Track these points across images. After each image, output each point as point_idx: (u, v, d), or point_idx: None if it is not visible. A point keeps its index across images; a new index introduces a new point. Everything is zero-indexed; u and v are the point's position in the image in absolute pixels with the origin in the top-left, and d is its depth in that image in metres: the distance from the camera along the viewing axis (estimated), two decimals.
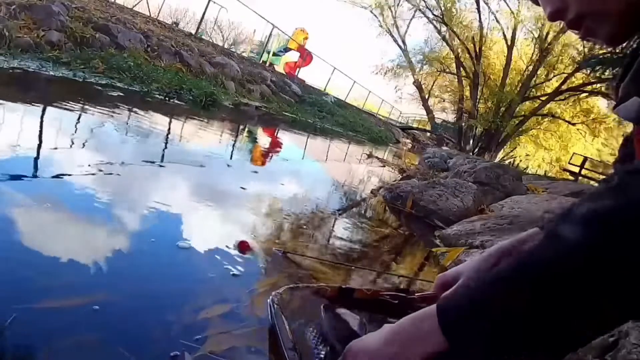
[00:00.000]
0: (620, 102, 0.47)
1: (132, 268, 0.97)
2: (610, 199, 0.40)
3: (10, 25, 3.90)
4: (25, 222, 1.00)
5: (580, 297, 0.38)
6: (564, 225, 0.41)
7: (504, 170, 3.99)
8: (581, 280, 0.38)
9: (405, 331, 0.48)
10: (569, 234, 0.40)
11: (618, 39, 0.46)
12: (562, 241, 0.41)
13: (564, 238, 0.41)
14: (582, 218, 0.40)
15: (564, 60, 15.18)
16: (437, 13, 16.24)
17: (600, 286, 0.37)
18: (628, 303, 0.38)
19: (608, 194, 0.40)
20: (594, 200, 0.41)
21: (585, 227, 0.39)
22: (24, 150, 1.50)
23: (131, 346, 0.70)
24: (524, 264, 0.43)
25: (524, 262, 0.43)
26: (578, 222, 0.40)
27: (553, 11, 0.49)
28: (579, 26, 0.47)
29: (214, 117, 4.46)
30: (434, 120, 20.42)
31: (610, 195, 0.40)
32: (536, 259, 0.42)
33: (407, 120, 27.75)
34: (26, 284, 0.78)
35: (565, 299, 0.39)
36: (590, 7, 0.45)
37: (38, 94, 2.77)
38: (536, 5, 0.53)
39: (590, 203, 0.41)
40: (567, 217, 0.42)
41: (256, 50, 15.53)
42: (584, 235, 0.39)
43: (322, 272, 1.26)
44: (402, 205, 2.75)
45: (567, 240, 0.40)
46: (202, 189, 1.78)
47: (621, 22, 0.44)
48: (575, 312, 0.39)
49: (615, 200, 0.39)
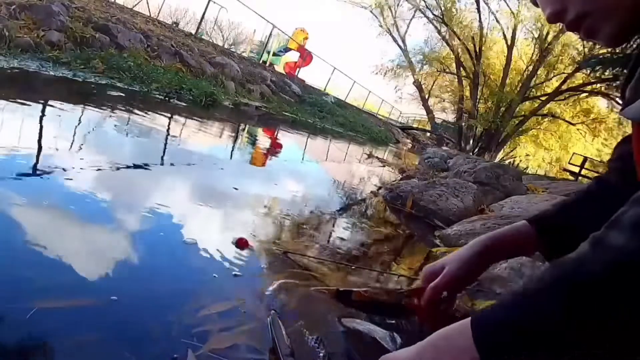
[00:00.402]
0: (628, 104, 0.46)
1: (132, 268, 0.97)
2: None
3: (10, 25, 3.90)
4: (23, 222, 1.00)
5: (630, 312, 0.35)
6: (612, 233, 0.38)
7: (504, 170, 3.99)
8: (632, 293, 0.35)
9: (439, 347, 0.47)
10: (616, 241, 0.37)
11: (619, 39, 0.46)
12: (610, 250, 0.38)
13: (612, 246, 0.38)
14: (631, 224, 0.37)
15: (564, 60, 15.18)
16: (437, 13, 16.24)
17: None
18: None
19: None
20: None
21: (635, 234, 0.36)
22: (24, 150, 1.50)
23: (132, 346, 0.70)
24: (564, 275, 0.40)
25: (563, 272, 0.40)
26: (627, 228, 0.37)
27: (552, 13, 0.48)
28: (578, 27, 0.47)
29: (214, 117, 4.46)
30: (434, 120, 20.42)
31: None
32: (581, 269, 0.39)
33: (407, 120, 27.74)
34: (26, 284, 0.78)
35: (608, 311, 0.36)
36: (595, 4, 0.44)
37: (38, 94, 2.77)
38: (535, 6, 0.53)
39: (638, 209, 0.38)
40: (615, 224, 0.39)
41: (256, 50, 15.52)
42: (633, 242, 0.36)
43: (322, 272, 1.26)
44: (402, 205, 2.75)
45: (615, 249, 0.37)
46: (201, 189, 1.78)
47: (625, 19, 0.44)
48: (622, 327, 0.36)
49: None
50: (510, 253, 0.83)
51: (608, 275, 0.36)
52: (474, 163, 4.57)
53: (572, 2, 0.46)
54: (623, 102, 0.48)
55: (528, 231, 0.74)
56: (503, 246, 0.76)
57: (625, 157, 0.60)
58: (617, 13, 0.43)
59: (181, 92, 4.84)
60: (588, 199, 0.72)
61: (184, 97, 4.76)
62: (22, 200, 1.10)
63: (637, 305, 0.35)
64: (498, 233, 0.77)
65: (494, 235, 0.77)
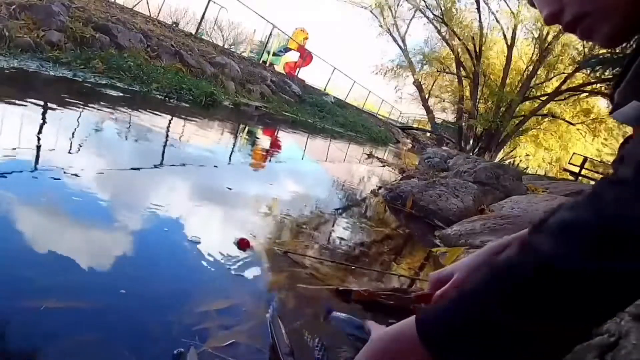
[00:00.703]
0: (617, 107, 0.47)
1: (133, 268, 0.97)
2: (583, 210, 0.39)
3: (10, 25, 3.90)
4: (23, 222, 1.00)
5: (548, 310, 0.38)
6: (537, 236, 0.41)
7: (504, 170, 3.99)
8: (549, 294, 0.38)
9: (387, 347, 0.49)
10: (539, 245, 0.40)
11: (616, 40, 0.46)
12: (532, 252, 0.40)
13: (535, 250, 0.40)
14: (553, 229, 0.40)
15: (564, 60, 15.19)
16: (437, 13, 16.24)
17: (568, 300, 0.37)
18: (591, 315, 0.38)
19: (582, 204, 0.40)
20: (567, 210, 0.41)
21: (556, 238, 0.39)
22: (24, 150, 1.50)
23: (132, 345, 0.70)
24: (494, 276, 0.42)
25: (494, 273, 0.43)
26: (549, 232, 0.40)
27: (549, 14, 0.48)
28: (575, 28, 0.47)
29: (214, 117, 4.46)
30: (434, 120, 20.41)
31: (584, 207, 0.40)
32: (507, 271, 0.42)
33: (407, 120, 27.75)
34: (26, 284, 0.78)
35: (533, 311, 0.39)
36: (591, 5, 0.44)
37: (38, 94, 2.77)
38: (533, 7, 0.53)
39: (563, 213, 0.41)
40: (541, 226, 0.42)
41: (256, 50, 15.52)
42: (555, 247, 0.38)
43: (323, 272, 1.26)
44: (402, 205, 2.75)
45: (539, 251, 0.39)
46: (201, 190, 1.78)
47: (621, 21, 0.44)
48: (542, 325, 0.39)
49: (585, 212, 0.39)
50: None
51: (531, 278, 0.39)
52: (474, 163, 4.57)
53: (569, 3, 0.46)
54: (612, 104, 0.49)
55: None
56: None
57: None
58: (613, 14, 0.44)
59: (181, 92, 4.84)
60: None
61: (184, 97, 4.76)
62: (19, 200, 1.10)
63: (562, 306, 0.38)
64: (508, 239, 0.76)
65: (504, 242, 0.76)
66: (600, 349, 0.91)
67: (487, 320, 0.41)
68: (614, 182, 0.39)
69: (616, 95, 0.47)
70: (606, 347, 0.91)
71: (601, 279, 0.36)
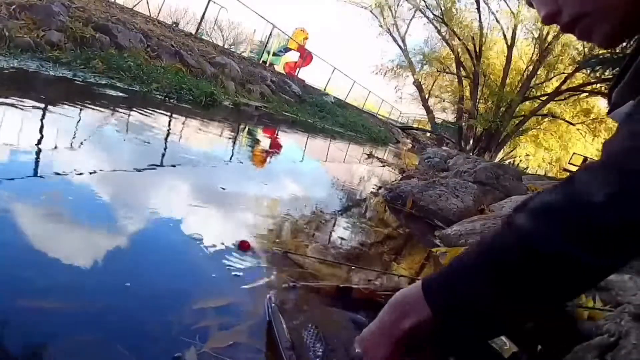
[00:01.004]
0: (614, 108, 0.48)
1: (130, 268, 0.97)
2: (558, 192, 0.42)
3: (10, 25, 3.90)
4: (22, 222, 1.00)
5: (524, 283, 0.42)
6: (518, 215, 0.44)
7: (504, 170, 3.99)
8: (525, 268, 0.41)
9: (397, 301, 0.54)
10: (520, 223, 0.43)
11: (613, 40, 0.46)
12: (513, 230, 0.44)
13: (516, 227, 0.44)
14: (532, 209, 0.43)
15: (564, 60, 15.19)
16: (437, 13, 16.24)
17: (538, 275, 0.41)
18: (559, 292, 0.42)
19: (559, 187, 0.43)
20: (547, 193, 0.44)
21: (531, 218, 0.42)
22: (24, 150, 1.50)
23: (132, 345, 0.70)
24: (483, 250, 0.48)
25: (483, 248, 0.48)
26: (528, 212, 0.43)
27: (547, 14, 0.49)
28: (573, 29, 0.47)
29: (214, 117, 4.46)
30: (434, 120, 20.41)
31: (560, 189, 0.43)
32: (492, 246, 0.46)
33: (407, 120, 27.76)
34: (25, 284, 0.78)
35: (513, 284, 0.43)
36: (588, 6, 0.44)
37: (38, 94, 2.77)
38: (531, 7, 0.53)
39: (543, 196, 0.44)
40: (522, 208, 0.45)
41: (256, 50, 15.53)
42: (530, 226, 0.42)
43: (322, 272, 1.26)
44: (402, 205, 2.75)
45: (517, 230, 0.43)
46: (200, 189, 1.78)
47: (618, 21, 0.44)
48: (523, 293, 0.43)
49: (561, 193, 0.42)
50: None
51: (512, 254, 0.43)
52: (474, 163, 4.57)
53: (566, 4, 0.46)
54: (609, 104, 0.50)
55: None
56: None
57: None
58: (612, 15, 0.44)
59: (181, 92, 4.83)
60: None
61: (184, 97, 4.76)
62: (18, 199, 1.10)
63: (534, 283, 0.42)
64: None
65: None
66: (600, 349, 0.91)
67: (475, 289, 0.45)
68: (588, 168, 0.42)
69: (614, 95, 0.48)
70: (606, 347, 0.91)
71: (565, 261, 0.39)
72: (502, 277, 0.43)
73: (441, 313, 0.48)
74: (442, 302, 0.49)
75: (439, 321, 0.49)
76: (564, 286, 0.42)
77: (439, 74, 19.57)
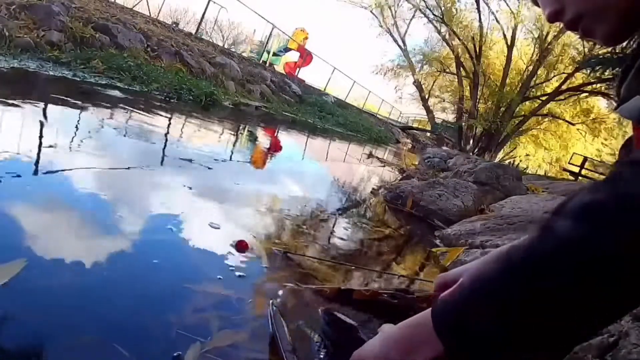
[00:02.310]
0: (622, 102, 0.46)
1: (131, 268, 0.97)
2: (602, 191, 0.38)
3: (10, 25, 3.90)
4: (22, 220, 1.00)
5: (572, 296, 0.36)
6: (557, 220, 0.39)
7: (504, 170, 3.99)
8: (573, 279, 0.36)
9: (402, 337, 0.48)
10: (559, 228, 0.38)
11: (616, 38, 0.46)
12: (553, 237, 0.38)
13: (556, 233, 0.38)
14: (573, 211, 0.38)
15: (564, 60, 15.20)
16: (437, 13, 16.25)
17: (593, 284, 0.35)
18: (619, 300, 0.36)
19: (602, 186, 0.39)
20: (587, 193, 0.39)
21: (576, 221, 0.37)
22: (22, 150, 1.50)
23: (131, 345, 0.70)
24: (513, 262, 0.41)
25: (513, 259, 0.41)
26: (569, 215, 0.38)
27: (551, 12, 0.49)
28: (576, 27, 0.47)
29: (214, 117, 4.46)
30: (434, 120, 20.42)
31: (603, 187, 0.38)
32: (526, 256, 0.40)
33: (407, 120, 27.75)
34: (25, 284, 0.78)
35: (556, 299, 0.37)
36: (589, 4, 0.45)
37: (38, 93, 2.77)
38: (536, 6, 0.53)
39: (583, 196, 0.39)
40: (561, 210, 0.40)
41: (256, 50, 15.53)
42: (575, 230, 0.37)
43: (323, 272, 1.26)
44: (402, 205, 2.75)
45: (558, 236, 0.38)
46: (199, 189, 1.78)
47: (621, 19, 0.44)
48: (567, 312, 0.37)
49: (606, 193, 0.37)
50: None
51: (551, 262, 0.37)
52: (474, 163, 4.58)
53: (569, 2, 0.46)
54: (618, 99, 0.49)
55: None
56: None
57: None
58: (610, 13, 0.44)
59: (181, 92, 4.83)
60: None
61: (184, 97, 4.76)
62: (17, 199, 1.10)
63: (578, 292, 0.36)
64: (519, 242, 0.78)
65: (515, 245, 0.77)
66: (600, 349, 0.91)
67: (501, 310, 0.39)
68: (633, 162, 0.38)
69: (622, 89, 0.47)
70: (606, 347, 0.91)
71: (620, 263, 0.34)
72: (543, 291, 0.37)
73: (452, 344, 0.42)
74: (453, 330, 0.42)
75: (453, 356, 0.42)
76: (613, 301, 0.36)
77: (439, 74, 19.58)
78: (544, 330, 0.38)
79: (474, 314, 0.41)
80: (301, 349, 0.76)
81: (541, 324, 0.37)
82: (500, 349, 0.40)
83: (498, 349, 0.40)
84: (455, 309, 0.43)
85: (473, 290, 0.43)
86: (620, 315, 0.39)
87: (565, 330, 0.38)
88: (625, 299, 0.36)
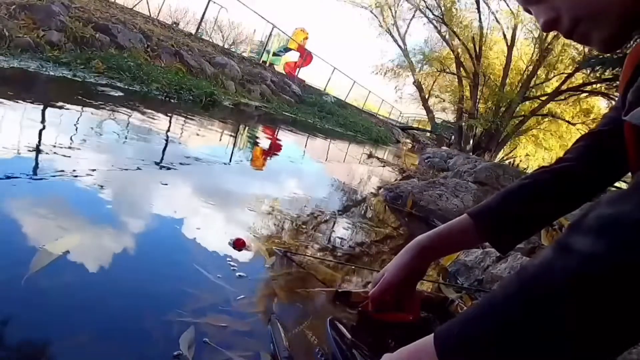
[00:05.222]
0: (631, 108, 0.45)
1: (130, 268, 0.97)
2: (628, 202, 0.34)
3: (10, 25, 3.91)
4: (22, 220, 1.00)
5: (596, 322, 0.32)
6: (573, 235, 0.35)
7: (504, 170, 3.99)
8: (601, 297, 0.32)
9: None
10: (577, 245, 0.34)
11: (613, 44, 0.45)
12: (569, 254, 0.35)
13: (573, 251, 0.34)
14: (590, 227, 0.35)
15: (564, 60, 15.19)
16: (437, 13, 16.24)
17: (626, 301, 0.31)
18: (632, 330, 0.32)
19: (626, 196, 0.35)
20: (609, 205, 0.35)
21: (600, 236, 0.33)
22: (24, 150, 1.50)
23: (130, 346, 0.70)
24: (522, 285, 0.37)
25: (522, 281, 0.38)
26: (587, 231, 0.35)
27: (547, 21, 0.48)
28: (572, 34, 0.47)
29: (214, 117, 4.46)
30: (434, 120, 20.41)
31: (628, 197, 0.34)
32: (538, 277, 0.36)
33: (407, 120, 27.76)
34: (25, 284, 0.78)
35: (576, 326, 0.33)
36: (588, 9, 0.44)
37: (38, 93, 2.77)
38: (529, 14, 0.53)
39: (604, 209, 0.35)
40: (578, 225, 0.36)
41: (256, 50, 15.54)
42: (600, 245, 0.33)
43: (323, 272, 1.26)
44: (402, 205, 2.75)
45: (574, 254, 0.34)
46: (198, 189, 1.78)
47: (614, 25, 0.43)
48: (586, 340, 0.33)
49: (625, 205, 0.34)
50: (452, 248, 0.92)
51: (568, 283, 0.34)
52: (474, 163, 4.58)
53: (565, 10, 0.45)
54: (623, 106, 0.48)
55: (469, 224, 0.78)
56: (443, 243, 0.81)
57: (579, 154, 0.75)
58: (605, 20, 0.43)
59: (181, 92, 4.83)
60: (528, 184, 0.76)
61: (184, 97, 4.76)
62: (18, 199, 1.10)
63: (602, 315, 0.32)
64: (437, 231, 0.81)
65: (433, 234, 0.81)
66: None
67: (509, 335, 0.36)
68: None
69: (629, 95, 0.45)
70: None
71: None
72: (556, 314, 0.33)
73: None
74: (459, 356, 0.40)
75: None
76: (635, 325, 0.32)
77: (439, 74, 19.57)
78: (557, 357, 0.34)
79: (483, 340, 0.38)
80: (298, 356, 0.76)
81: (555, 350, 0.34)
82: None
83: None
84: (461, 334, 0.41)
85: (473, 315, 0.41)
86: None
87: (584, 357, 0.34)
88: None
